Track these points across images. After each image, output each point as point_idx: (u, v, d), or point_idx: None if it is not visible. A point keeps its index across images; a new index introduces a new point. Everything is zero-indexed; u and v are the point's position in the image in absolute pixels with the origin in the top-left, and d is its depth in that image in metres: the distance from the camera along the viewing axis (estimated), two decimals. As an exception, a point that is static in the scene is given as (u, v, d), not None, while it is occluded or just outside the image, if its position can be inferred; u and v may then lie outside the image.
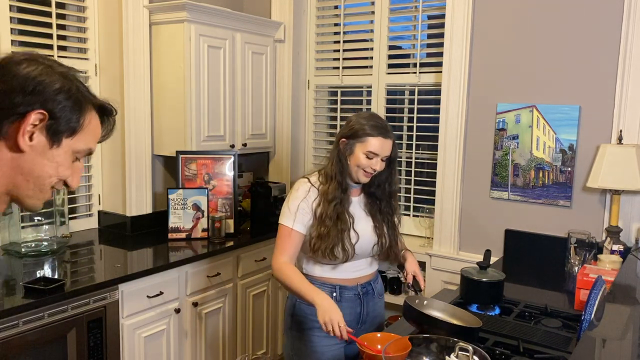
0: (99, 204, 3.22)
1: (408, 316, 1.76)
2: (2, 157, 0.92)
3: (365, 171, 1.92)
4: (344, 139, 1.94)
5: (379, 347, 1.63)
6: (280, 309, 3.35)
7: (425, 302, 1.86)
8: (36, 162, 0.94)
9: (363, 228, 1.98)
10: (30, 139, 0.92)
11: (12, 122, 0.90)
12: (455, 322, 1.77)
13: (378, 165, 1.92)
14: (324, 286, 1.96)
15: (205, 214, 3.09)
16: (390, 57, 3.47)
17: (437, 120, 3.16)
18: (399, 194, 3.47)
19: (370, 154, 1.89)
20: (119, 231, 3.13)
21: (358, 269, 2.02)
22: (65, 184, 1.01)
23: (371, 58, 3.52)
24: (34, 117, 0.90)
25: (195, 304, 2.81)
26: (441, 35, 3.12)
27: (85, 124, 0.97)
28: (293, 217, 1.93)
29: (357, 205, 2.01)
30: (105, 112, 1.02)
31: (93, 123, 0.99)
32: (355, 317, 2.01)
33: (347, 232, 1.93)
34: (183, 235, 3.08)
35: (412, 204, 3.46)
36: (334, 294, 1.96)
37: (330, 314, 1.69)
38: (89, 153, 1.02)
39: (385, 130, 1.92)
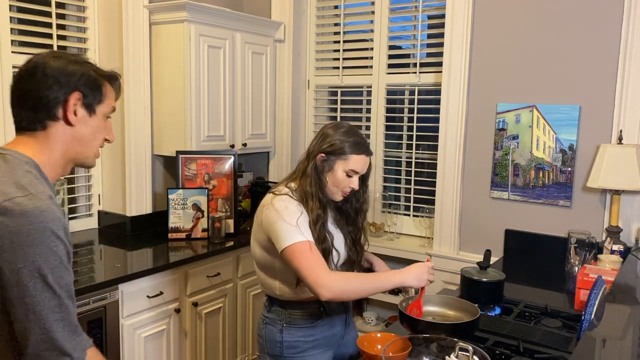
0: (99, 204, 3.22)
1: (403, 322, 1.75)
2: (62, 132, 1.26)
3: (342, 190, 1.82)
4: (322, 155, 1.79)
5: (379, 347, 1.63)
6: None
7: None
8: (83, 130, 1.28)
9: (338, 244, 1.86)
10: (75, 114, 1.26)
11: (59, 106, 1.24)
12: (451, 316, 1.77)
13: (357, 183, 1.82)
14: (310, 305, 1.85)
15: (205, 214, 3.09)
16: (390, 57, 3.47)
17: (437, 120, 3.16)
18: (398, 194, 3.49)
19: (351, 172, 1.79)
20: (119, 231, 3.13)
21: None
22: (106, 140, 1.35)
23: (371, 58, 3.52)
24: (74, 98, 1.25)
25: (195, 304, 2.81)
26: (441, 35, 3.12)
27: (106, 90, 1.32)
28: (301, 231, 1.69)
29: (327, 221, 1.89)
30: (112, 79, 1.35)
31: (109, 89, 1.33)
32: (342, 322, 1.96)
33: (331, 254, 1.81)
34: (183, 235, 3.08)
35: (412, 204, 3.46)
36: (322, 308, 1.87)
37: (421, 274, 1.72)
38: (113, 110, 1.36)
39: (367, 147, 1.82)
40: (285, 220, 1.70)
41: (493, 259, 2.43)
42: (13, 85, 1.26)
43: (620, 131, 2.62)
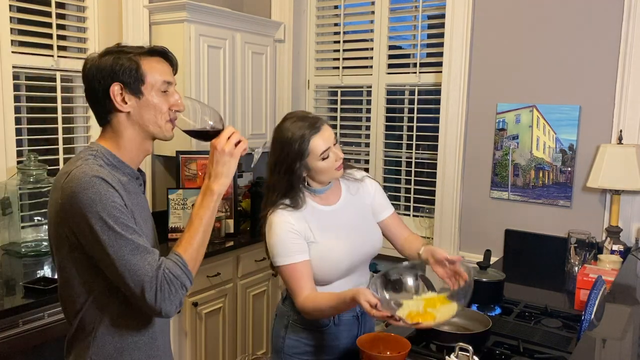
0: (99, 204, 3.21)
1: (417, 329, 1.74)
2: (123, 121, 1.36)
3: (334, 168, 1.77)
4: (295, 164, 1.74)
5: (379, 347, 1.63)
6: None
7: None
8: (140, 113, 1.35)
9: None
10: (125, 102, 1.33)
11: (108, 102, 1.33)
12: (459, 324, 1.78)
13: (338, 154, 1.76)
14: None
15: (205, 214, 3.09)
16: (390, 57, 3.47)
17: (437, 120, 3.16)
18: (398, 194, 3.49)
19: (325, 155, 1.73)
20: (119, 231, 3.12)
21: (353, 285, 1.82)
22: (173, 110, 1.38)
23: (371, 58, 3.52)
24: (114, 90, 1.32)
25: (195, 304, 2.81)
26: (441, 35, 3.12)
27: (145, 70, 1.34)
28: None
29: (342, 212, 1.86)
30: (152, 54, 1.39)
31: (150, 63, 1.36)
32: (352, 339, 1.85)
33: None
34: (183, 235, 3.07)
35: (412, 204, 3.46)
36: (332, 317, 1.81)
37: (362, 298, 1.52)
38: (168, 82, 1.38)
39: (314, 124, 1.73)
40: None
41: (493, 259, 2.43)
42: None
43: (620, 131, 2.62)
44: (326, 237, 1.78)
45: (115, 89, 1.32)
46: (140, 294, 1.24)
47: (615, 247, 2.53)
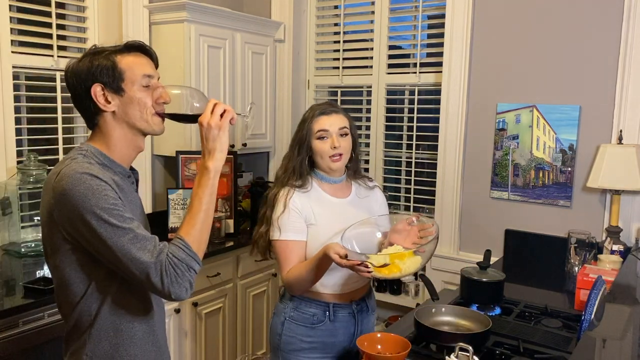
0: (99, 204, 3.20)
1: (418, 330, 1.75)
2: (109, 120, 1.36)
3: (331, 156, 1.83)
4: (303, 140, 1.85)
5: (379, 347, 1.63)
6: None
7: (433, 310, 1.83)
8: (125, 110, 1.35)
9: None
10: (108, 102, 1.33)
11: (92, 104, 1.33)
12: (458, 324, 1.78)
13: (336, 141, 1.82)
14: (317, 303, 1.85)
15: (205, 214, 3.08)
16: (390, 57, 3.47)
17: (437, 120, 3.16)
18: (398, 194, 3.49)
19: (321, 134, 1.82)
20: (119, 231, 3.12)
21: (350, 281, 1.88)
22: (159, 103, 1.38)
23: (371, 58, 3.52)
24: (96, 91, 1.32)
25: (195, 304, 2.81)
26: (441, 35, 3.12)
27: (123, 66, 1.34)
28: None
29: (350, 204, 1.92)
30: (128, 50, 1.37)
31: (127, 60, 1.35)
32: (348, 337, 1.90)
33: None
34: (183, 235, 3.07)
35: (412, 204, 3.46)
36: (327, 313, 1.85)
37: (333, 253, 1.61)
38: (149, 76, 1.37)
39: (325, 109, 1.85)
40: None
41: (493, 259, 2.43)
42: None
43: (620, 131, 2.62)
44: (327, 222, 1.84)
45: (97, 90, 1.32)
46: (146, 280, 1.25)
47: (615, 247, 2.53)
